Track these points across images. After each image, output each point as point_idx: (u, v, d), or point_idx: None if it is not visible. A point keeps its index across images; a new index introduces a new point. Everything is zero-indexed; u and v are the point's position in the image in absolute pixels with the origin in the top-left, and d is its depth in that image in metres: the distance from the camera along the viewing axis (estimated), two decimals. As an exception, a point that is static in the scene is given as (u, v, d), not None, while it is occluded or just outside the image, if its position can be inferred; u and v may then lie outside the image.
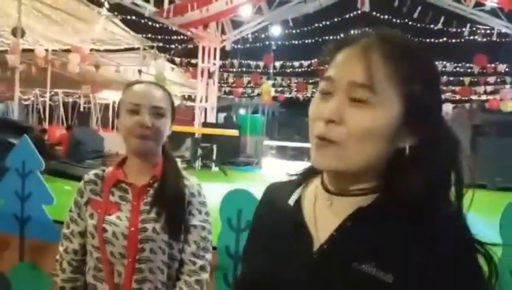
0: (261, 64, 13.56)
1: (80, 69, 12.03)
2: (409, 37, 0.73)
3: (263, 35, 11.13)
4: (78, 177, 5.19)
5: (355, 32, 0.73)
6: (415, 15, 9.05)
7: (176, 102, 15.25)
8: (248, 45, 11.46)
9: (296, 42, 12.41)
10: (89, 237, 1.34)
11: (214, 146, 7.41)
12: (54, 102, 17.61)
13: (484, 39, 10.56)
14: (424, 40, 11.03)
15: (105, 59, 13.10)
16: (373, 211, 0.68)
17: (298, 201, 0.78)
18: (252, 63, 13.79)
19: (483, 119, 10.60)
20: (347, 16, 10.62)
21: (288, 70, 14.39)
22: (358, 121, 0.65)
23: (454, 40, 10.68)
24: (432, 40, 10.92)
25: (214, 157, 7.47)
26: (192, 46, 11.38)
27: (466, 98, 14.28)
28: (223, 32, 10.39)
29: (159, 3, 8.04)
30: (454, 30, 9.96)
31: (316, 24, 11.10)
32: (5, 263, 2.86)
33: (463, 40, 10.26)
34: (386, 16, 10.42)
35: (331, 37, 12.40)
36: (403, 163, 0.67)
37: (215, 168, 7.27)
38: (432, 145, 0.67)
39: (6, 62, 8.66)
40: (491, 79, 13.08)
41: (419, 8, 8.80)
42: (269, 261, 0.75)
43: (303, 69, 14.28)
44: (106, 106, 18.67)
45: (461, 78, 13.08)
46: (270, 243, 0.78)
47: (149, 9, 7.84)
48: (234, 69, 14.24)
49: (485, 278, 0.66)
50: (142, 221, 1.30)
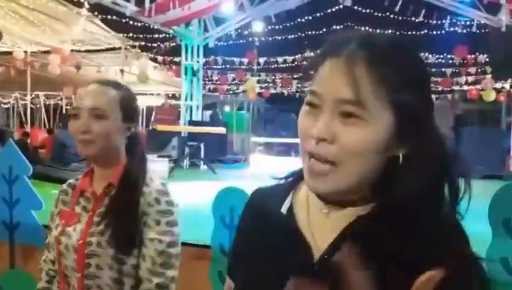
0: (245, 60, 13.56)
1: (61, 71, 11.84)
2: (394, 38, 0.71)
3: (246, 31, 11.12)
4: (64, 180, 5.13)
5: (337, 38, 0.68)
6: (397, 8, 9.15)
7: (160, 101, 15.21)
8: (231, 42, 11.43)
9: (279, 38, 12.42)
10: (52, 249, 1.30)
11: (202, 144, 7.38)
12: (35, 105, 17.31)
13: (464, 30, 10.73)
14: (406, 33, 11.17)
15: (86, 60, 12.92)
16: (372, 220, 0.67)
17: (291, 208, 0.76)
18: (236, 60, 13.77)
19: (465, 109, 10.79)
20: (329, 11, 10.67)
21: (272, 66, 14.41)
22: (352, 139, 0.63)
23: (435, 32, 10.82)
24: (414, 33, 11.06)
25: (202, 155, 7.44)
26: (174, 44, 11.30)
27: (448, 89, 14.50)
28: (206, 29, 10.34)
29: (140, 2, 7.95)
30: (435, 22, 10.09)
31: (299, 19, 11.13)
32: (-5, 271, 2.84)
33: (444, 32, 10.40)
34: (368, 10, 10.50)
35: (314, 32, 12.48)
36: (397, 171, 0.66)
37: (203, 166, 7.25)
38: (424, 150, 0.66)
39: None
40: (472, 70, 13.30)
41: (400, 1, 8.89)
42: (267, 273, 0.73)
43: (287, 65, 14.33)
44: (89, 107, 18.42)
45: (443, 69, 13.27)
46: (265, 255, 0.75)
47: (130, 8, 7.75)
48: (218, 66, 14.21)
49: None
50: (91, 234, 1.21)
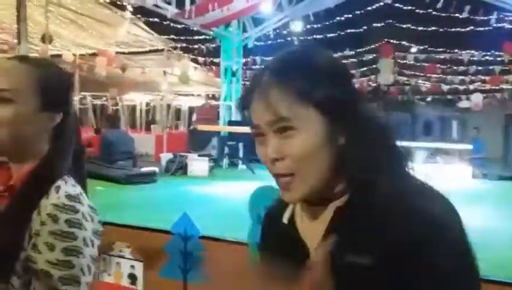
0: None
1: (107, 72, 12.32)
2: (298, 50, 0.81)
3: (285, 31, 11.11)
4: (110, 177, 5.39)
5: (255, 74, 0.77)
6: (439, 5, 8.85)
7: (201, 101, 15.46)
8: (270, 42, 11.46)
9: (319, 37, 12.32)
10: None
11: (240, 144, 7.46)
12: (83, 105, 18.08)
13: (513, 26, 10.23)
14: (450, 30, 10.77)
15: (130, 61, 13.36)
16: (348, 209, 0.73)
17: (292, 217, 0.82)
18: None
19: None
20: (369, 9, 10.47)
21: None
22: (295, 149, 0.70)
23: (481, 29, 10.38)
24: (458, 30, 10.66)
25: (241, 155, 7.52)
26: (214, 45, 11.47)
27: (497, 88, 13.86)
28: (245, 30, 10.43)
29: (181, 4, 8.14)
30: (480, 18, 9.68)
31: (338, 18, 11.00)
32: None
33: (491, 28, 9.96)
34: (409, 7, 10.23)
35: (354, 30, 12.29)
36: (343, 158, 0.72)
37: (242, 166, 7.33)
38: (361, 135, 0.72)
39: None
40: (522, 67, 12.64)
41: (443, -2, 8.61)
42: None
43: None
44: (133, 108, 19.06)
45: (490, 67, 12.69)
46: (275, 259, 0.79)
47: (171, 10, 7.95)
48: (257, 66, 14.27)
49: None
50: None
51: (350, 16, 10.90)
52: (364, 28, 11.68)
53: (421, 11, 10.26)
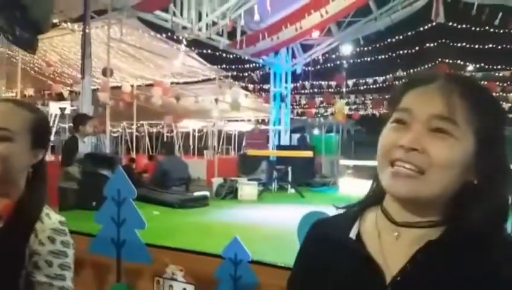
0: (333, 83, 13.54)
1: (162, 102, 12.88)
2: (470, 77, 0.85)
3: (334, 55, 11.15)
4: (166, 202, 5.57)
5: (421, 74, 0.79)
6: (496, 21, 8.51)
7: (251, 127, 15.71)
8: (319, 66, 11.53)
9: (369, 59, 12.24)
10: None
11: (289, 168, 7.49)
12: (140, 133, 18.91)
13: None
14: (508, 47, 10.29)
15: (184, 91, 13.90)
16: (443, 245, 0.70)
17: (359, 235, 0.79)
18: (324, 83, 13.81)
19: None
20: (421, 29, 10.28)
21: (361, 87, 14.19)
22: (441, 152, 0.69)
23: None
24: (517, 46, 10.17)
25: (290, 179, 7.53)
26: (264, 72, 11.72)
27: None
28: (294, 56, 10.59)
29: (232, 36, 8.45)
30: (541, 34, 9.19)
31: (389, 39, 10.89)
32: (105, 284, 3.13)
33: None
34: (464, 26, 9.92)
35: (406, 51, 12.08)
36: (469, 196, 0.71)
37: (291, 190, 7.33)
38: (496, 180, 0.71)
39: (98, 100, 9.58)
40: None
41: (500, 15, 8.28)
42: None
43: (377, 86, 14.00)
44: (187, 134, 19.71)
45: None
46: (338, 284, 0.77)
47: (223, 42, 8.27)
48: (306, 91, 14.36)
49: None
50: None
51: (401, 38, 10.75)
52: (416, 49, 11.46)
53: (478, 29, 9.92)
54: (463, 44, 11.04)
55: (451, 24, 9.71)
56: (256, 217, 4.41)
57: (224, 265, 2.59)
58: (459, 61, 12.38)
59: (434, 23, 9.69)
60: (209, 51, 10.06)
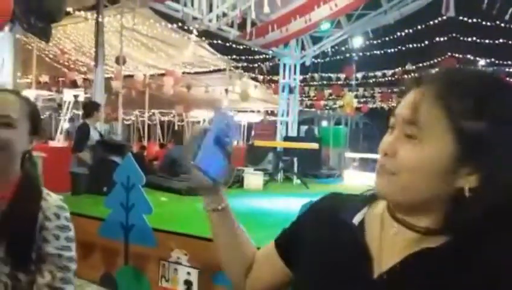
0: (342, 76, 13.55)
1: (174, 91, 13.04)
2: (473, 72, 0.72)
3: (343, 47, 11.16)
4: (173, 189, 5.72)
5: (428, 72, 0.74)
6: (507, 16, 8.45)
7: (260, 117, 15.78)
8: (328, 59, 11.55)
9: (378, 52, 12.21)
10: None
11: (295, 159, 7.57)
12: (152, 121, 19.09)
13: None
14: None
15: (195, 80, 14.03)
16: (436, 254, 0.67)
17: (362, 222, 0.78)
18: (333, 76, 13.83)
19: None
20: (431, 23, 10.24)
21: (371, 80, 14.18)
22: (406, 156, 0.68)
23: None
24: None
25: (295, 169, 7.63)
26: (273, 63, 11.78)
27: None
28: (303, 48, 10.63)
29: (242, 27, 8.53)
30: (552, 29, 9.09)
31: (398, 33, 10.86)
32: (113, 266, 3.27)
33: None
34: (475, 20, 9.86)
35: (416, 45, 12.02)
36: (462, 204, 0.66)
37: (296, 180, 7.43)
38: (495, 188, 0.64)
39: (111, 87, 9.77)
40: None
41: (511, 10, 8.21)
42: (327, 277, 0.77)
43: (387, 79, 13.97)
44: (197, 124, 19.85)
45: None
46: (328, 258, 0.78)
47: (233, 33, 8.35)
48: (315, 83, 14.39)
49: None
50: None
51: (411, 31, 10.72)
52: (426, 43, 11.41)
53: (488, 23, 9.85)
54: (473, 38, 10.96)
55: (461, 18, 9.65)
56: (260, 206, 4.54)
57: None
58: (470, 55, 12.29)
59: (444, 17, 9.65)
60: (219, 42, 10.15)
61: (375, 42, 10.93)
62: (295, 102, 10.82)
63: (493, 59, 12.17)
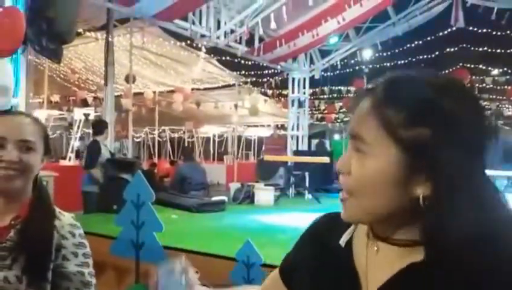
0: (353, 89, 13.52)
1: (183, 107, 13.13)
2: (416, 78, 0.67)
3: (352, 60, 11.15)
4: (184, 206, 5.71)
5: (374, 84, 0.71)
6: (517, 26, 8.40)
7: (270, 132, 15.78)
8: (337, 72, 11.55)
9: (388, 64, 12.18)
10: None
11: (306, 173, 7.52)
12: (162, 138, 19.24)
13: None
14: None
15: (204, 97, 14.13)
16: (424, 268, 0.64)
17: (349, 242, 0.76)
18: (343, 89, 13.81)
19: None
20: (441, 34, 10.20)
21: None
22: (355, 170, 0.66)
23: None
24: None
25: (307, 184, 7.56)
26: (282, 78, 11.81)
27: None
28: (312, 62, 10.64)
29: (250, 43, 8.58)
30: None
31: (408, 45, 10.83)
32: (125, 284, 3.25)
33: None
34: (484, 30, 9.80)
35: (426, 56, 11.97)
36: (420, 212, 0.63)
37: (308, 195, 7.36)
38: (449, 194, 0.61)
39: (121, 105, 9.86)
40: None
41: (521, 19, 8.16)
42: None
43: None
44: (207, 139, 19.94)
45: None
46: (319, 283, 0.77)
47: (241, 49, 8.40)
48: (325, 96, 14.38)
49: None
50: None
51: (421, 43, 10.69)
52: (436, 54, 11.36)
53: (498, 33, 9.78)
54: (485, 48, 10.89)
55: (471, 28, 9.61)
56: (271, 222, 4.49)
57: (237, 267, 2.68)
58: (481, 65, 12.20)
59: (454, 28, 9.62)
60: (228, 58, 10.23)
61: (384, 54, 10.91)
62: (305, 116, 10.79)
63: (506, 68, 12.05)
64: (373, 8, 8.01)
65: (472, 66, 11.92)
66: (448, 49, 11.25)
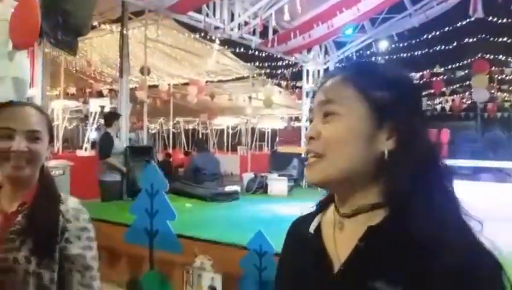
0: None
1: (198, 99, 13.18)
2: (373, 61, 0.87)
3: (368, 51, 11.03)
4: (198, 195, 5.75)
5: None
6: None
7: (284, 124, 15.75)
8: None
9: (405, 55, 12.01)
10: None
11: (320, 165, 7.47)
12: (177, 129, 19.38)
13: None
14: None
15: (219, 89, 14.15)
16: (382, 229, 0.71)
17: (318, 228, 0.83)
18: (359, 81, 13.66)
19: None
20: (459, 24, 10.01)
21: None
22: (329, 131, 0.75)
23: None
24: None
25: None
26: (297, 69, 11.75)
27: None
28: (327, 53, 10.56)
29: (264, 34, 8.54)
30: None
31: (425, 35, 10.66)
32: (139, 271, 3.30)
33: None
34: (504, 20, 9.59)
35: (444, 47, 11.77)
36: (385, 167, 0.72)
37: (321, 187, 7.33)
38: (408, 148, 0.71)
39: (136, 97, 9.96)
40: None
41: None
42: (295, 287, 0.82)
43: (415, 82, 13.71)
44: (221, 131, 20.02)
45: None
46: (295, 273, 0.83)
47: (255, 41, 8.38)
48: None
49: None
50: (6, 250, 1.21)
51: (438, 33, 10.51)
52: (454, 45, 11.16)
53: (518, 23, 9.57)
54: (504, 39, 10.66)
55: (490, 19, 9.41)
56: (284, 212, 4.50)
57: (249, 256, 2.70)
58: (501, 56, 11.95)
59: (472, 18, 9.42)
60: (242, 50, 10.21)
61: (401, 45, 10.76)
62: (319, 108, 10.73)
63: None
64: (388, 0, 7.89)
65: (491, 57, 11.68)
66: (466, 39, 11.05)
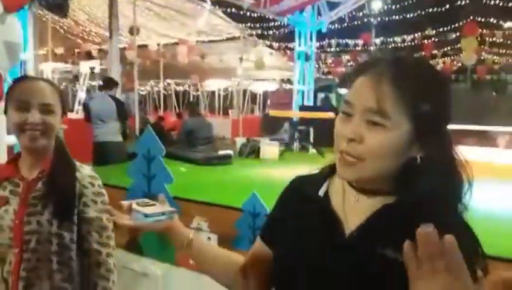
0: (360, 42, 13.29)
1: (188, 60, 12.98)
2: (418, 58, 0.84)
3: (360, 13, 10.89)
4: (192, 159, 5.79)
5: (369, 58, 0.84)
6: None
7: (276, 86, 15.66)
8: (345, 25, 11.30)
9: (397, 17, 11.89)
10: None
11: (311, 129, 7.56)
12: (167, 91, 19.15)
13: None
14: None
15: (209, 49, 13.91)
16: (396, 208, 0.79)
17: (326, 193, 0.88)
18: (351, 42, 13.58)
19: None
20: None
21: (389, 46, 13.89)
22: (375, 142, 0.76)
23: None
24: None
25: (311, 139, 7.63)
26: (289, 30, 11.59)
27: None
28: (319, 14, 10.40)
29: (256, -5, 8.37)
30: None
31: (418, -3, 10.54)
32: (138, 232, 3.47)
33: None
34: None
35: (437, 9, 11.64)
36: (415, 169, 0.79)
37: (312, 150, 7.44)
38: (438, 155, 0.78)
39: (125, 58, 9.80)
40: None
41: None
42: (303, 246, 0.86)
43: (406, 44, 13.67)
44: (212, 93, 19.85)
45: None
46: (302, 230, 0.87)
47: (247, 1, 8.22)
48: (332, 49, 14.16)
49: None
50: (29, 214, 1.34)
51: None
52: (446, 7, 11.05)
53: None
54: (496, 1, 10.57)
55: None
56: (275, 175, 4.60)
57: (243, 217, 2.83)
58: (493, 19, 11.89)
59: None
60: (233, 10, 10.00)
61: (393, 7, 10.63)
62: (311, 70, 10.71)
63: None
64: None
65: (483, 20, 11.62)
66: (459, 2, 10.92)
